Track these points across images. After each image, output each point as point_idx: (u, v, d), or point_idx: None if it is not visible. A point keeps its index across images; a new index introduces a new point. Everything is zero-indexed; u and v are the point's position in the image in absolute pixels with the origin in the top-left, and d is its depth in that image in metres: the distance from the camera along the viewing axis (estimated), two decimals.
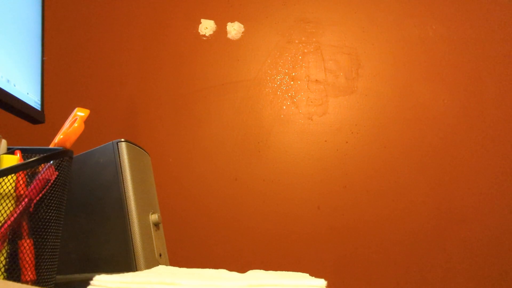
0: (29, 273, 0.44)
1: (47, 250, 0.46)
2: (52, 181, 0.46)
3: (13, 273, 0.43)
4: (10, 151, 0.48)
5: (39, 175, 0.46)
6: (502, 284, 1.13)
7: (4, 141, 0.50)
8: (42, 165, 0.46)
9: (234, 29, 1.29)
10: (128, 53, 1.29)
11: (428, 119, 1.22)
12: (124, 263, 0.59)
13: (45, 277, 0.46)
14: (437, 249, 1.16)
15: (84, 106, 0.49)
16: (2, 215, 0.42)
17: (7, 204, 0.43)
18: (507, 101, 1.22)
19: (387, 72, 1.26)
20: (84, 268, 0.62)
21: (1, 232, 0.42)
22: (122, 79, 1.28)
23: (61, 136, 0.49)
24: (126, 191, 0.62)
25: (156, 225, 0.68)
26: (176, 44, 1.29)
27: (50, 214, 0.46)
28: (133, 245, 0.60)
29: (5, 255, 0.43)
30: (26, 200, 0.44)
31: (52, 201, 0.47)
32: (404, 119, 1.23)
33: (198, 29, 1.30)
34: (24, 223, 0.44)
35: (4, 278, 0.42)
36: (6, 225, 0.42)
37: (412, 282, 1.15)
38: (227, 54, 1.28)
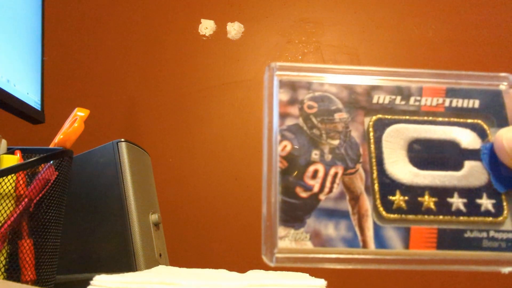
0: (29, 273, 0.43)
1: (47, 250, 0.46)
2: (52, 181, 0.46)
3: (13, 273, 0.43)
4: (10, 151, 0.48)
5: (39, 175, 0.46)
6: (503, 283, 1.13)
7: (4, 141, 0.50)
8: (42, 165, 0.46)
9: (234, 29, 1.29)
10: (128, 53, 1.29)
11: None
12: (124, 263, 0.59)
13: (45, 277, 0.46)
14: None
15: (84, 106, 0.49)
16: (2, 215, 0.42)
17: (7, 204, 0.43)
18: None
19: None
20: (84, 268, 0.61)
21: (1, 232, 0.42)
22: (122, 79, 1.28)
23: (61, 136, 0.49)
24: (126, 191, 0.62)
25: (156, 225, 0.68)
26: (176, 44, 1.29)
27: (50, 214, 0.46)
28: (133, 245, 0.60)
29: (5, 255, 0.43)
30: (26, 200, 0.44)
31: (52, 201, 0.47)
32: None
33: (198, 29, 1.30)
34: (24, 223, 0.44)
35: (4, 278, 0.42)
36: (6, 225, 0.42)
37: (412, 282, 1.15)
38: (227, 54, 1.28)
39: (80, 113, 0.51)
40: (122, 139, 0.65)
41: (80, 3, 1.32)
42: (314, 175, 0.20)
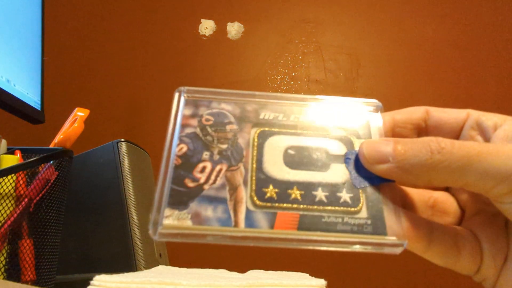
0: (29, 273, 0.44)
1: (47, 250, 0.46)
2: (52, 181, 0.46)
3: (13, 273, 0.43)
4: (10, 151, 0.48)
5: (39, 175, 0.46)
6: None
7: (4, 141, 0.50)
8: (42, 165, 0.46)
9: (234, 29, 1.29)
10: (128, 53, 1.29)
11: None
12: (124, 263, 0.59)
13: (45, 277, 0.46)
14: None
15: (84, 106, 0.49)
16: (2, 215, 0.42)
17: (7, 204, 0.43)
18: (507, 101, 1.21)
19: (387, 72, 1.26)
20: (84, 268, 0.61)
21: (1, 232, 0.42)
22: (122, 79, 1.28)
23: (61, 136, 0.49)
24: (126, 191, 0.62)
25: None
26: (176, 44, 1.29)
27: (50, 214, 0.46)
28: (133, 245, 0.60)
29: (5, 255, 0.43)
30: (26, 200, 0.44)
31: (52, 201, 0.47)
32: None
33: (198, 29, 1.30)
34: (24, 223, 0.44)
35: (4, 278, 0.42)
36: (6, 225, 0.42)
37: (412, 281, 1.15)
38: (227, 54, 1.28)
39: (80, 113, 0.51)
40: (122, 139, 0.65)
41: (80, 4, 1.32)
42: (202, 170, 0.24)
